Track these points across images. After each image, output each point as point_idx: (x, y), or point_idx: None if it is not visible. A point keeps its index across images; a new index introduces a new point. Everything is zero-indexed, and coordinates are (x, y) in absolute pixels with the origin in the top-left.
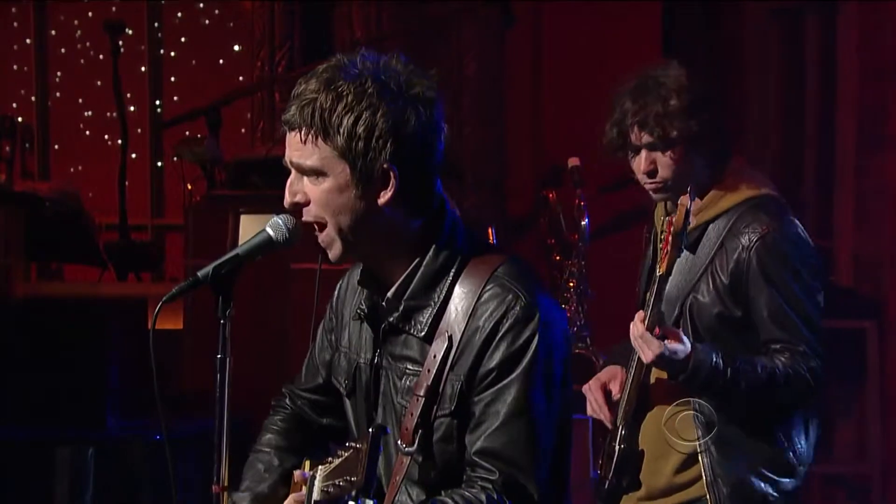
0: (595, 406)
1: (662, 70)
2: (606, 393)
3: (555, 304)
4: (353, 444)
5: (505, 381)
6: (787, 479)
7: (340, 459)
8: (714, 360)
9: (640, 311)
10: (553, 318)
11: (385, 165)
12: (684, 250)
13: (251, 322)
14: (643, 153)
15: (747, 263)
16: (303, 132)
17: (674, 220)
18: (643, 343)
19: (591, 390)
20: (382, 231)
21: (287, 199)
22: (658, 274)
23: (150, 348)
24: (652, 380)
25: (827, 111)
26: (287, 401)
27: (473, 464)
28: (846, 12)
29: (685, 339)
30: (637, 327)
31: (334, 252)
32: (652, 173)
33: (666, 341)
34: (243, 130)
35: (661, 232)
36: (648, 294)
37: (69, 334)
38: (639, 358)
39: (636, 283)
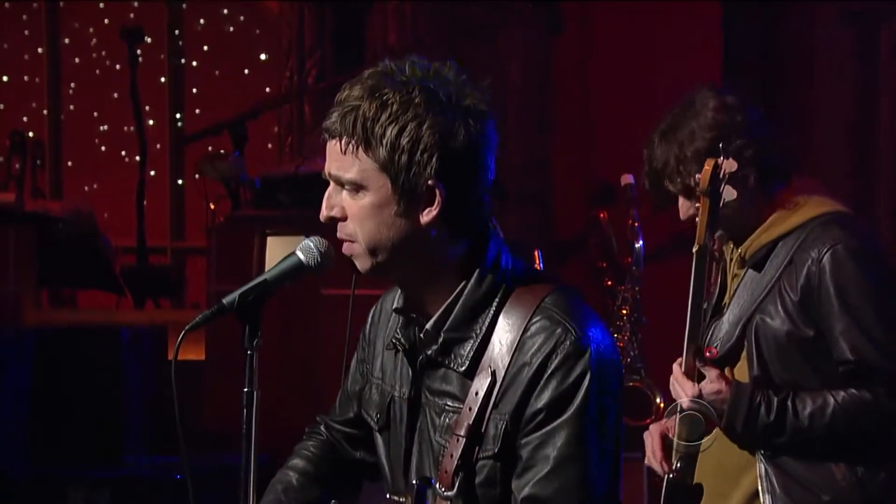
0: (650, 453)
1: (688, 107)
2: (666, 439)
3: (608, 338)
4: (397, 499)
5: (555, 423)
6: None
7: None
8: (756, 397)
9: (679, 358)
10: (606, 354)
11: (430, 182)
12: (750, 269)
13: (280, 352)
14: (680, 200)
15: (818, 277)
16: (343, 141)
17: (700, 178)
18: (678, 388)
19: (651, 435)
20: (423, 253)
21: (323, 213)
22: (693, 250)
23: (171, 380)
24: None
25: None
26: (322, 428)
27: None
28: None
29: (726, 377)
30: (673, 371)
31: (361, 264)
32: (693, 219)
33: (702, 383)
34: (270, 145)
35: (728, 260)
36: (691, 287)
37: (83, 366)
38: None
39: None
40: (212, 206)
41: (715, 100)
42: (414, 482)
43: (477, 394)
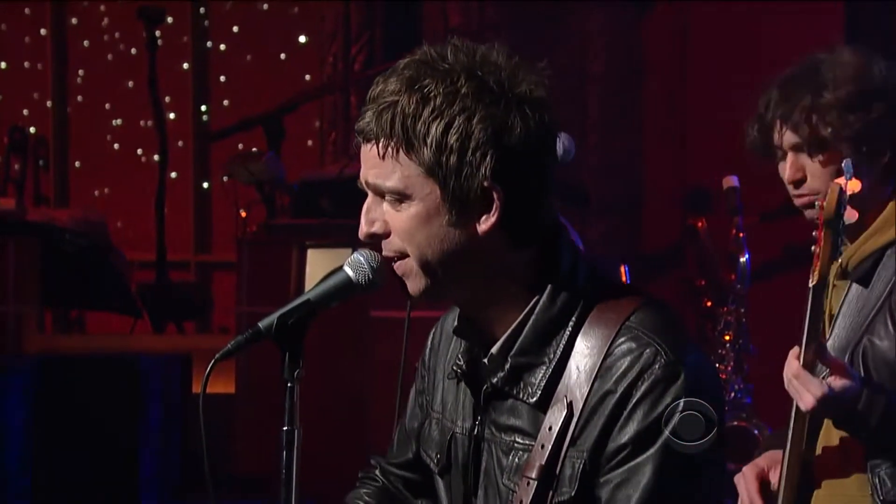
0: (746, 500)
1: (830, 56)
2: (763, 485)
3: (706, 362)
4: None
5: (639, 459)
6: None
7: None
8: (892, 397)
9: (795, 347)
10: (703, 380)
11: (485, 184)
12: (855, 284)
13: (324, 384)
14: (789, 156)
15: None
16: (381, 144)
17: (824, 204)
18: (799, 385)
19: (745, 479)
20: (483, 267)
21: (363, 229)
22: (811, 284)
23: (197, 417)
24: (818, 451)
25: None
26: (378, 473)
27: None
28: None
29: (853, 372)
30: (790, 366)
31: (413, 285)
32: (799, 183)
33: (829, 378)
34: (310, 143)
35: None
36: (806, 321)
37: (94, 400)
38: (795, 424)
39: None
40: (243, 214)
41: (859, 56)
42: None
43: (551, 429)
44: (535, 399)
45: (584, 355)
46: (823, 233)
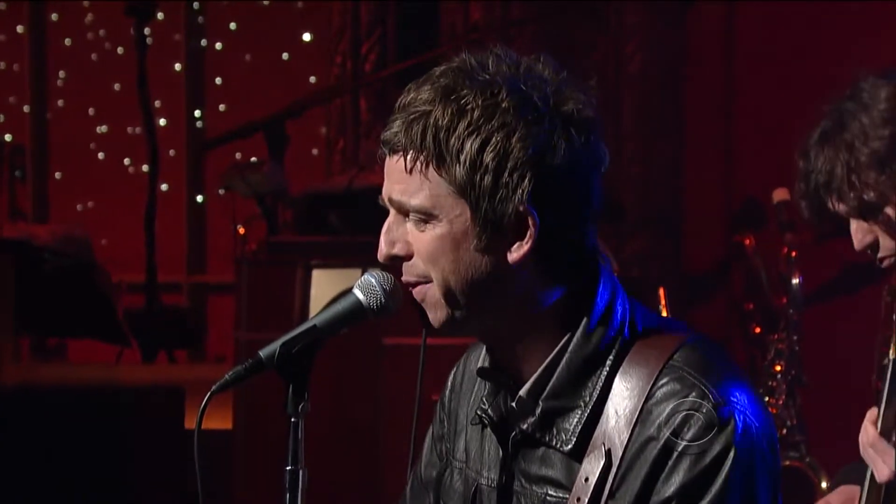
0: None
1: (853, 100)
2: None
3: (758, 404)
4: None
5: None
6: None
7: None
8: None
9: (873, 409)
10: (756, 425)
11: (521, 209)
12: None
13: (331, 419)
14: (851, 222)
15: None
16: (409, 158)
17: None
18: (875, 455)
19: None
20: (512, 300)
21: (382, 250)
22: (891, 358)
23: (191, 455)
24: None
25: None
26: None
27: None
28: None
29: None
30: (867, 433)
31: (435, 315)
32: (872, 247)
33: None
34: (316, 151)
35: None
36: (882, 384)
37: (76, 436)
38: (869, 492)
39: (870, 373)
40: (241, 231)
41: (888, 87)
42: None
43: (587, 480)
44: (569, 447)
45: (623, 398)
46: None
